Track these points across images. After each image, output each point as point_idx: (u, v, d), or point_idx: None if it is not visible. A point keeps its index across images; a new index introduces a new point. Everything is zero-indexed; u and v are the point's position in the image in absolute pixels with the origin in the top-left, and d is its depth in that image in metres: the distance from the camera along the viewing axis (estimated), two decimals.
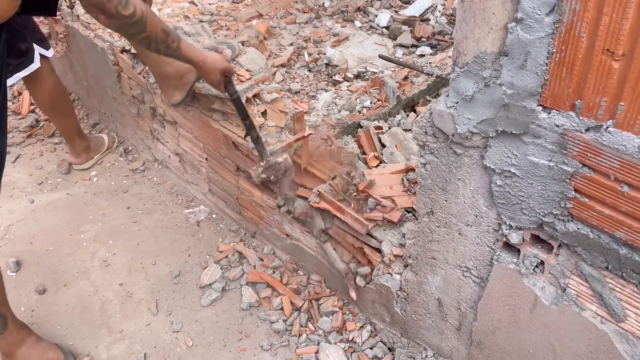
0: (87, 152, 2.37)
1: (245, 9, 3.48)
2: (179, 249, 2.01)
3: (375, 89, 2.49)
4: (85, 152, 2.36)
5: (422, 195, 1.26)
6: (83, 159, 2.37)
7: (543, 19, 0.83)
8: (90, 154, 2.38)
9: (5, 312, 1.51)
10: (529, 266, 1.12)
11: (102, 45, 2.24)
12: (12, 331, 1.53)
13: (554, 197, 0.98)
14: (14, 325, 1.54)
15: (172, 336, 1.71)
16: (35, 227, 2.10)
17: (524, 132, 0.96)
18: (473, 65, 0.98)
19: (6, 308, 1.52)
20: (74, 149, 2.34)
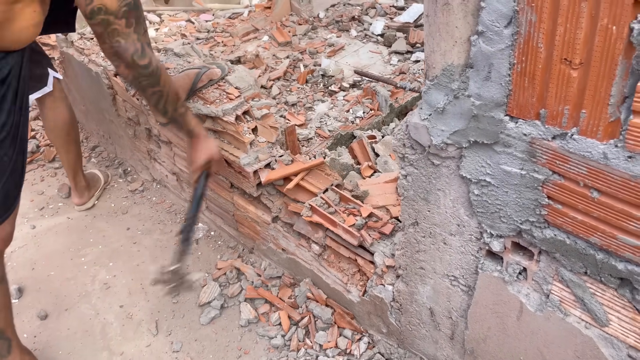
0: (88, 190, 2.36)
1: (241, 24, 3.52)
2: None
3: (367, 98, 2.50)
4: (87, 190, 2.36)
5: (406, 206, 1.27)
6: (85, 198, 2.35)
7: (502, 31, 0.84)
8: (90, 191, 2.38)
9: (10, 336, 1.54)
10: (512, 273, 1.11)
11: (96, 70, 2.29)
12: (15, 356, 1.56)
13: (529, 205, 0.98)
14: (17, 349, 1.57)
15: (172, 356, 1.72)
16: (37, 253, 2.14)
17: (494, 142, 0.97)
18: (442, 77, 0.99)
19: (11, 332, 1.55)
20: (77, 186, 2.32)
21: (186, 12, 3.77)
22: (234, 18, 3.67)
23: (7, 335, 1.53)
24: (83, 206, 2.35)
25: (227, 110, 1.80)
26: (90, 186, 2.37)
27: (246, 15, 3.66)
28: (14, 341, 1.55)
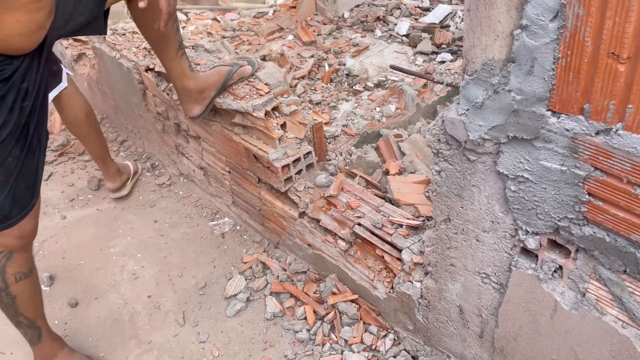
0: (120, 175, 2.38)
1: (266, 23, 3.55)
2: (205, 260, 2.05)
3: (394, 97, 2.51)
4: (119, 175, 2.37)
5: (439, 202, 1.27)
6: (118, 182, 2.36)
7: (547, 25, 0.84)
8: (122, 177, 2.39)
9: (40, 325, 1.57)
10: (547, 271, 1.11)
11: (127, 65, 2.33)
12: (46, 343, 1.60)
13: (568, 201, 0.98)
14: (48, 337, 1.60)
15: (199, 347, 1.74)
16: (68, 243, 2.18)
17: (534, 137, 0.96)
18: (482, 72, 0.99)
19: (42, 321, 1.58)
20: (108, 172, 2.34)
21: (212, 11, 3.81)
22: (259, 17, 3.71)
23: (37, 324, 1.56)
24: (117, 193, 2.37)
25: (256, 106, 1.82)
26: (122, 172, 2.39)
27: (271, 14, 3.69)
28: (44, 330, 1.58)
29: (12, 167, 1.32)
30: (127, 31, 2.51)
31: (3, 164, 1.30)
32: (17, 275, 1.44)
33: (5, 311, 1.49)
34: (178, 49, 1.76)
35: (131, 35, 2.48)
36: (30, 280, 1.49)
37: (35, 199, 1.41)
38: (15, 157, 1.31)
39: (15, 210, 1.36)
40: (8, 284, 1.43)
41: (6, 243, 1.39)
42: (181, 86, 1.85)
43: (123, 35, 2.48)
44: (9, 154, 1.29)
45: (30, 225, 1.43)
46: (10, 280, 1.43)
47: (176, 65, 1.79)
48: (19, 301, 1.47)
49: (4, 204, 1.33)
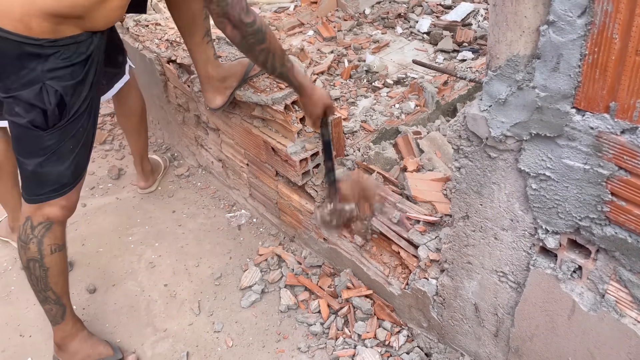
0: (152, 174, 2.41)
1: (287, 18, 3.56)
2: (221, 251, 2.07)
3: (414, 94, 2.49)
4: (151, 174, 2.40)
5: (457, 199, 1.26)
6: (150, 182, 2.40)
7: (575, 21, 0.83)
8: (154, 175, 2.43)
9: (66, 303, 1.61)
10: (566, 271, 1.10)
11: (149, 56, 2.35)
12: (67, 323, 1.63)
13: (590, 201, 0.97)
14: (70, 317, 1.63)
15: (213, 336, 1.76)
16: (87, 230, 2.21)
17: (558, 135, 0.96)
18: (506, 68, 0.98)
19: (67, 299, 1.62)
20: (143, 171, 2.36)
21: None
22: (280, 12, 3.71)
23: (63, 301, 1.59)
24: (147, 189, 2.40)
25: (276, 99, 1.83)
26: (154, 170, 2.43)
27: (292, 9, 3.69)
28: (68, 308, 1.62)
29: (81, 137, 1.44)
30: (150, 23, 2.54)
31: (75, 135, 1.42)
32: (53, 246, 1.51)
33: (35, 285, 1.53)
34: (205, 35, 1.79)
35: (154, 27, 2.51)
36: (63, 254, 1.56)
37: (86, 169, 1.54)
38: (85, 128, 1.45)
39: (72, 178, 1.47)
40: (44, 254, 1.49)
41: (50, 213, 1.48)
42: (204, 73, 1.87)
43: (146, 26, 2.51)
44: (81, 125, 1.43)
45: (76, 195, 1.53)
46: (46, 251, 1.49)
47: (202, 51, 1.82)
48: (51, 274, 1.53)
49: (67, 172, 1.45)
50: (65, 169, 1.44)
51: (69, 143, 1.42)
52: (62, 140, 1.41)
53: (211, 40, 1.82)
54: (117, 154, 2.65)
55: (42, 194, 1.45)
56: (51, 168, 1.42)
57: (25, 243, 1.49)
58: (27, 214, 1.48)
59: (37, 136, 1.38)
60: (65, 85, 1.34)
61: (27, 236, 1.48)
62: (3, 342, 1.80)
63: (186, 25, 1.78)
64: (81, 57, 1.36)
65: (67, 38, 1.32)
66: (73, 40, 1.33)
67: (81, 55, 1.36)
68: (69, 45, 1.32)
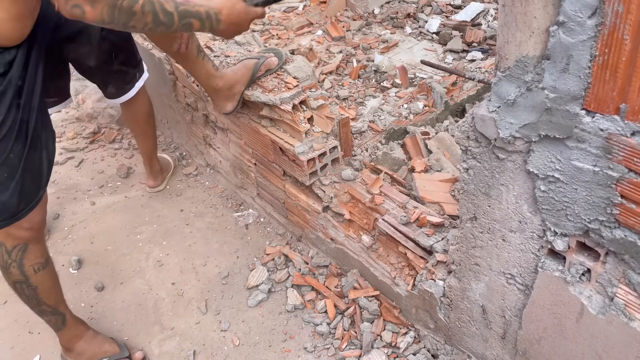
0: (161, 174, 2.42)
1: (296, 18, 3.56)
2: (228, 251, 2.08)
3: (422, 94, 2.49)
4: (160, 173, 2.41)
5: (465, 200, 1.25)
6: (159, 181, 2.41)
7: (585, 22, 0.82)
8: (163, 174, 2.44)
9: (64, 311, 1.61)
10: (574, 274, 1.09)
11: (158, 56, 2.36)
12: (70, 327, 1.64)
13: (599, 203, 0.96)
14: (72, 321, 1.64)
15: (220, 335, 1.77)
16: (96, 228, 2.23)
17: (567, 137, 0.95)
18: (515, 69, 0.98)
19: (64, 307, 1.62)
20: (152, 170, 2.37)
21: None
22: (289, 12, 3.71)
23: (60, 310, 1.60)
24: (155, 189, 2.41)
25: (284, 99, 1.83)
26: (163, 170, 2.44)
27: (301, 9, 3.69)
28: (67, 314, 1.62)
29: (16, 163, 1.32)
30: None
31: (6, 161, 1.30)
32: (35, 266, 1.47)
33: (28, 302, 1.53)
34: (198, 53, 1.77)
35: None
36: (48, 270, 1.52)
37: (41, 192, 1.43)
38: (17, 153, 1.32)
39: (22, 205, 1.37)
40: (27, 276, 1.46)
41: (19, 236, 1.42)
42: (210, 87, 1.87)
43: None
44: (10, 150, 1.30)
45: (38, 216, 1.45)
46: (29, 272, 1.46)
47: (200, 68, 1.80)
48: (40, 291, 1.50)
49: (11, 201, 1.34)
50: (7, 199, 1.33)
51: (1, 172, 1.31)
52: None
53: (205, 54, 1.80)
54: (126, 153, 2.67)
55: (3, 219, 1.36)
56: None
57: (5, 268, 1.45)
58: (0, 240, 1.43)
59: None
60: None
61: (5, 261, 1.43)
62: (12, 339, 1.81)
63: (176, 52, 1.74)
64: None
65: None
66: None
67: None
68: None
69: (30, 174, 1.37)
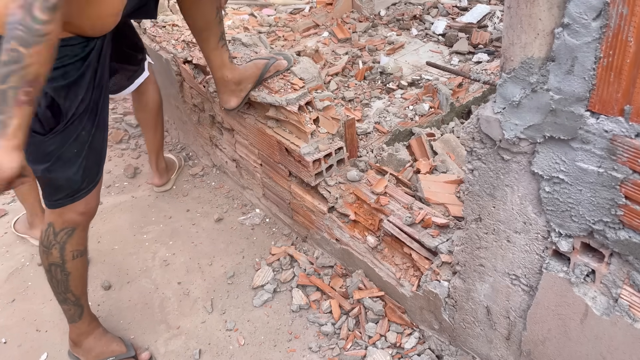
0: (167, 172, 2.44)
1: (302, 19, 3.57)
2: (234, 251, 2.09)
3: (428, 96, 2.49)
4: (165, 172, 2.43)
5: (470, 201, 1.26)
6: (165, 179, 2.42)
7: (590, 24, 0.83)
8: (168, 173, 2.45)
9: (84, 304, 1.64)
10: (579, 275, 1.09)
11: (166, 57, 2.38)
12: (84, 322, 1.66)
13: (604, 204, 0.96)
14: (87, 317, 1.66)
15: (226, 334, 1.78)
16: (103, 227, 2.25)
17: (572, 138, 0.95)
18: (520, 71, 0.98)
19: (85, 300, 1.64)
20: (158, 168, 2.39)
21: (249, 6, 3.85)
22: (295, 13, 3.73)
23: (81, 302, 1.62)
24: (162, 187, 2.42)
25: (290, 100, 1.85)
26: (169, 168, 2.45)
27: (307, 10, 3.71)
28: (85, 308, 1.64)
29: (85, 140, 1.40)
30: (167, 24, 2.57)
31: (78, 138, 1.38)
32: (75, 252, 1.51)
33: (56, 287, 1.56)
34: (220, 39, 1.80)
35: (171, 28, 2.54)
36: (84, 259, 1.56)
37: (100, 174, 1.50)
38: (88, 131, 1.40)
39: (84, 183, 1.44)
40: (65, 260, 1.50)
41: (70, 219, 1.47)
42: (220, 76, 1.88)
43: (163, 27, 2.54)
44: (83, 128, 1.38)
45: (94, 200, 1.51)
46: (68, 256, 1.50)
47: (217, 55, 1.83)
48: (72, 278, 1.54)
49: (76, 176, 1.41)
50: (73, 174, 1.40)
51: (72, 147, 1.38)
52: (63, 145, 1.36)
53: (226, 43, 1.83)
54: (133, 153, 2.69)
55: (57, 199, 1.43)
56: (58, 174, 1.39)
57: (47, 248, 1.48)
58: (49, 220, 1.47)
59: (38, 142, 1.34)
60: (55, 86, 1.29)
61: (49, 242, 1.47)
62: (20, 336, 1.83)
63: (201, 30, 1.78)
64: (75, 59, 1.32)
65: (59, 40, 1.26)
66: (64, 43, 1.26)
67: (75, 57, 1.32)
68: (60, 48, 1.23)
69: (94, 153, 1.45)
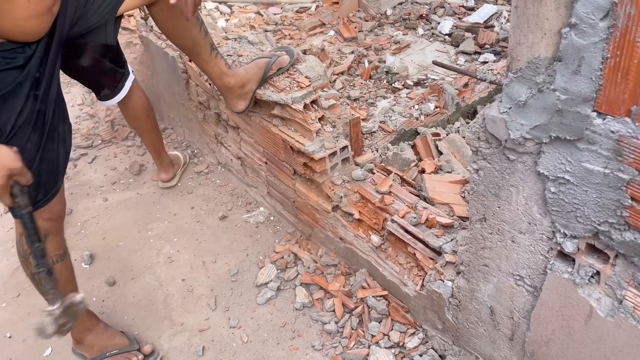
0: (172, 166, 2.44)
1: (308, 18, 3.57)
2: (238, 248, 2.09)
3: (434, 95, 2.49)
4: (171, 166, 2.43)
5: (475, 201, 1.26)
6: (170, 174, 2.43)
7: (597, 24, 0.83)
8: (174, 168, 2.45)
9: None
10: (584, 276, 1.09)
11: (172, 54, 2.39)
12: (82, 320, 1.66)
13: (609, 205, 0.96)
14: (84, 314, 1.67)
15: (229, 331, 1.78)
16: (108, 224, 2.26)
17: (578, 138, 0.95)
18: (526, 70, 0.98)
19: None
20: (162, 163, 2.40)
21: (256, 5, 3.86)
22: (301, 12, 3.73)
23: None
24: (168, 183, 2.43)
25: (296, 98, 1.85)
26: (173, 163, 2.45)
27: (314, 9, 3.71)
28: None
29: (33, 152, 1.34)
30: None
31: (24, 150, 1.29)
32: (54, 257, 1.50)
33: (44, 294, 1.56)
34: (211, 50, 1.80)
35: None
36: (65, 262, 1.55)
37: (59, 183, 1.46)
38: (34, 142, 1.34)
39: (40, 194, 1.41)
40: None
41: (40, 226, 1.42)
42: (222, 85, 1.89)
43: None
44: (27, 139, 1.32)
45: (58, 205, 1.48)
46: None
47: (213, 66, 1.83)
48: (58, 283, 1.51)
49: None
50: None
51: None
52: None
53: (218, 52, 1.84)
54: (138, 150, 2.70)
55: None
56: None
57: (25, 258, 1.47)
58: (19, 230, 1.44)
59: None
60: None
61: (25, 251, 1.46)
62: (25, 331, 1.84)
63: (190, 49, 1.79)
64: (8, 66, 1.24)
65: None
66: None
67: (8, 64, 1.24)
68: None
69: (47, 165, 1.40)
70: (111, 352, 1.69)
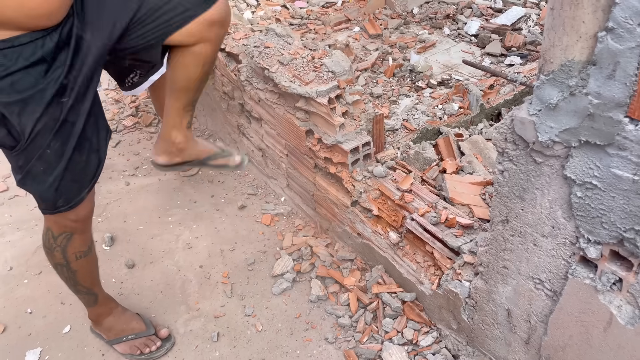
0: None
1: (334, 13, 3.57)
2: (256, 238, 2.11)
3: (458, 96, 2.47)
4: None
5: (498, 202, 1.25)
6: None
7: (635, 29, 0.82)
8: None
9: (97, 291, 1.67)
10: (605, 283, 1.08)
11: None
12: (101, 304, 1.70)
13: (636, 212, 0.95)
14: (103, 300, 1.70)
15: (244, 319, 1.80)
16: (129, 207, 2.29)
17: (608, 144, 0.94)
18: (559, 73, 0.97)
19: (98, 288, 1.67)
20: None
21: None
22: (327, 7, 3.73)
23: (94, 291, 1.66)
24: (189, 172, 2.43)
25: (320, 92, 1.85)
26: None
27: (340, 4, 3.70)
28: (100, 294, 1.68)
29: (53, 160, 1.26)
30: None
31: (42, 156, 1.25)
32: (77, 254, 1.52)
33: (66, 281, 1.60)
34: (192, 104, 1.66)
35: None
36: (89, 257, 1.56)
37: (84, 192, 1.38)
38: (56, 150, 1.25)
39: (60, 202, 1.35)
40: (69, 261, 1.52)
41: (65, 225, 1.43)
42: (167, 134, 1.71)
43: None
44: (47, 146, 1.23)
45: (84, 211, 1.44)
46: (71, 258, 1.51)
47: (177, 115, 1.66)
48: (79, 275, 1.57)
49: (47, 194, 1.32)
50: (44, 191, 1.31)
51: (37, 165, 1.26)
52: (28, 162, 1.25)
53: (194, 109, 1.69)
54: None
55: (42, 209, 1.37)
56: (31, 187, 1.31)
57: (50, 250, 1.49)
58: (47, 224, 1.45)
59: (8, 154, 1.27)
60: (5, 102, 1.14)
61: (50, 245, 1.47)
62: (45, 308, 1.89)
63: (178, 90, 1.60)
64: (24, 64, 1.12)
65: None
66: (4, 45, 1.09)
67: (25, 60, 1.12)
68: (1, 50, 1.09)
69: (72, 174, 1.32)
70: (128, 336, 1.72)
